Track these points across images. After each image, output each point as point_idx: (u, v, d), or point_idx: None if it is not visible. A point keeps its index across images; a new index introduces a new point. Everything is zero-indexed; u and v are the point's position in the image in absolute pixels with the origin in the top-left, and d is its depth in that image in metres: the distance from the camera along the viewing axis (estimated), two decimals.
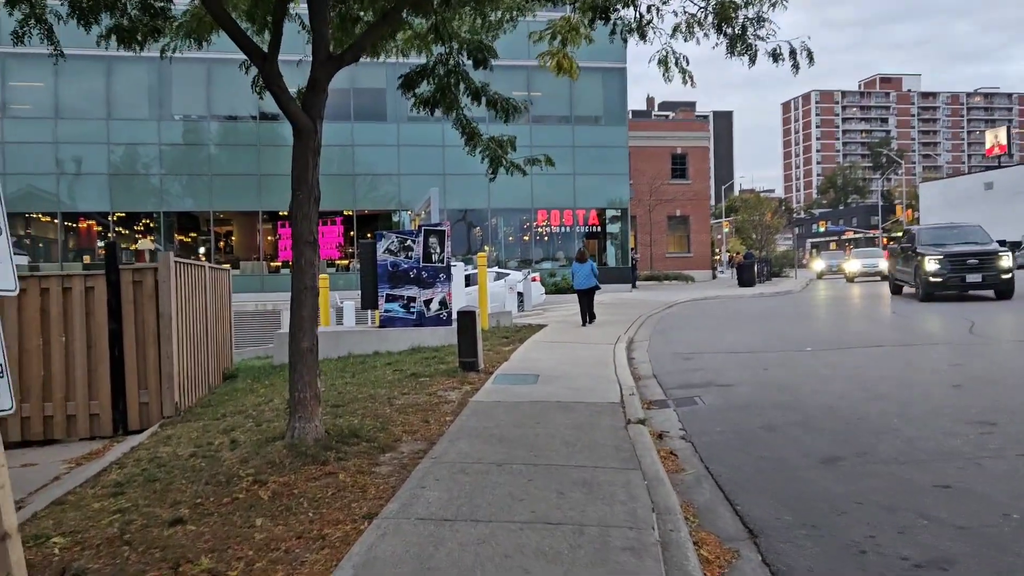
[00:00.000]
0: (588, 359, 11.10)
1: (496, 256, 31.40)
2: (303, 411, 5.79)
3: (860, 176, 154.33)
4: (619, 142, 31.48)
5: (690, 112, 49.77)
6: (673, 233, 44.68)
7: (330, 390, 9.12)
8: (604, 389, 8.50)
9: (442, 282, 14.10)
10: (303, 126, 5.99)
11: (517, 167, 8.47)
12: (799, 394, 8.25)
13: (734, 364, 10.71)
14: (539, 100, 31.55)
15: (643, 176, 41.24)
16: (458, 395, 8.35)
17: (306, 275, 5.85)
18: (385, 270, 14.08)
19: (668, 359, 11.64)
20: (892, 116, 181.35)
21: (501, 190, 30.24)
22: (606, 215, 32.33)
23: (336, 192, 28.68)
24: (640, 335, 15.32)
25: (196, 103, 28.63)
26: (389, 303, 14.08)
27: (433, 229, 14.18)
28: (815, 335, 13.93)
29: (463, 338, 9.89)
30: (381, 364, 11.54)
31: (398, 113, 28.88)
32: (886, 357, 10.67)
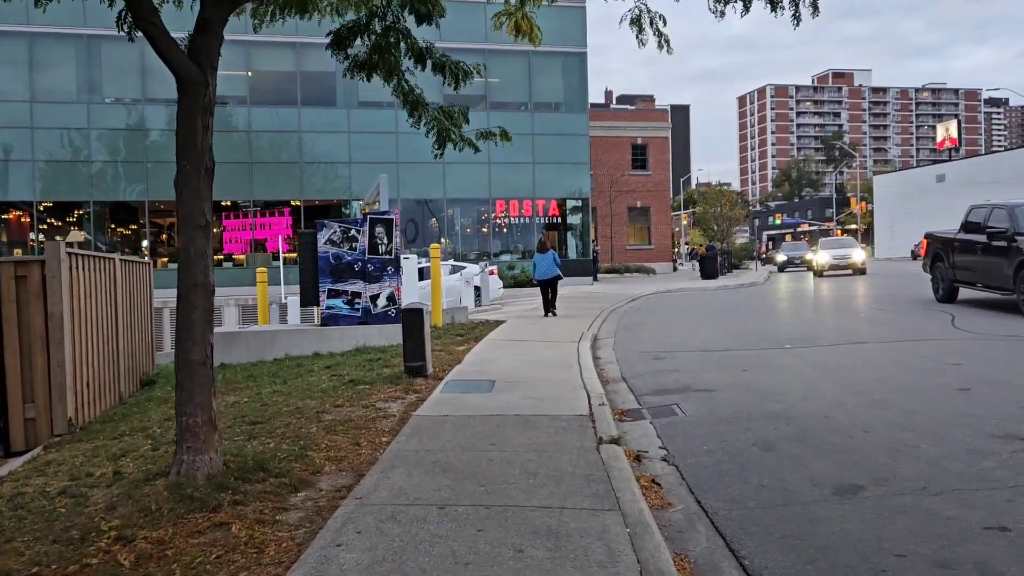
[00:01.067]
0: (550, 360, 10.02)
1: (453, 248, 30.17)
2: (193, 440, 4.58)
3: (814, 169, 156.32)
4: (580, 130, 30.46)
5: (650, 103, 49.08)
6: (634, 225, 43.96)
7: (252, 402, 7.89)
8: (570, 397, 7.42)
9: (390, 276, 12.89)
10: (189, 78, 4.75)
11: (469, 143, 7.33)
12: (789, 401, 7.28)
13: (710, 364, 9.73)
14: (497, 87, 30.38)
15: (603, 167, 40.37)
16: (400, 407, 7.19)
17: (195, 268, 4.62)
18: (327, 263, 12.82)
19: (637, 359, 10.62)
20: (844, 110, 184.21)
21: (457, 179, 29.03)
22: (566, 206, 31.33)
23: (283, 181, 27.16)
24: (604, 331, 14.32)
25: (130, 86, 26.72)
26: (331, 299, 12.83)
27: (380, 218, 12.96)
28: (790, 331, 13.06)
29: (409, 339, 8.73)
30: (319, 368, 10.31)
31: (348, 98, 27.43)
32: (872, 355, 9.80)
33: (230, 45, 10.48)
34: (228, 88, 27.79)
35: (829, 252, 30.56)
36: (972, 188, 65.70)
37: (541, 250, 16.31)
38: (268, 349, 12.34)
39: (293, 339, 12.51)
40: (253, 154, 27.12)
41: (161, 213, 30.83)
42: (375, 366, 9.92)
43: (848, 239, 35.85)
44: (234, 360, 12.13)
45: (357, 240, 12.87)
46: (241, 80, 27.71)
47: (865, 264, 30.33)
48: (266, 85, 28.13)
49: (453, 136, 7.06)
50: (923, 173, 75.41)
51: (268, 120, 27.57)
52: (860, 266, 29.56)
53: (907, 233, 69.73)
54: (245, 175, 26.64)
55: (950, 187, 68.14)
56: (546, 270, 15.99)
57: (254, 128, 27.43)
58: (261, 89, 27.98)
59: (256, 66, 27.82)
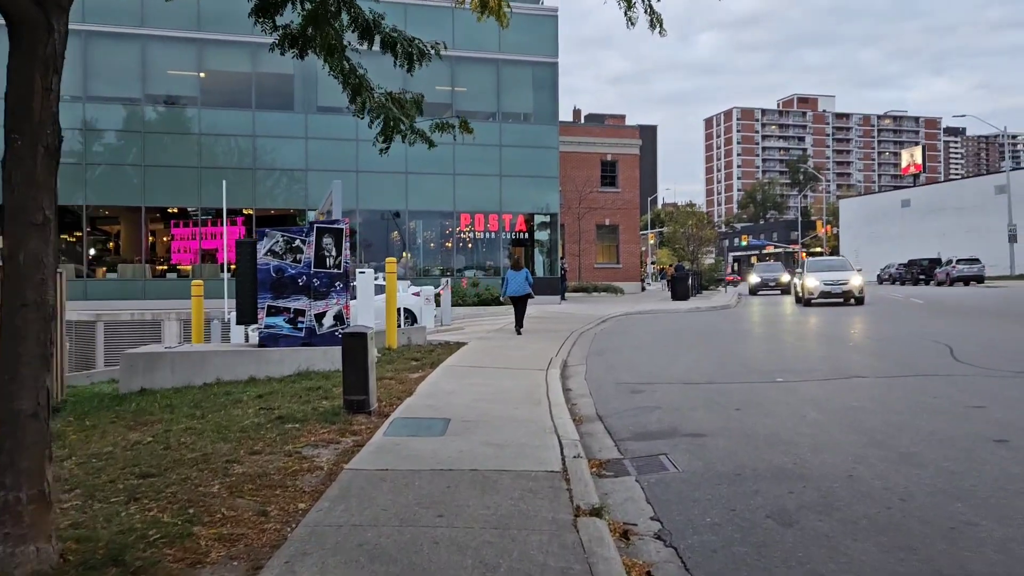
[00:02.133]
0: (515, 393, 8.78)
1: (415, 263, 28.83)
2: (13, 524, 3.26)
3: (779, 192, 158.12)
4: (549, 143, 29.39)
5: (620, 120, 48.38)
6: (602, 243, 43.03)
7: (156, 443, 6.52)
8: (538, 444, 6.18)
9: (338, 292, 11.55)
10: (21, 16, 3.42)
11: (422, 135, 6.13)
12: (798, 452, 6.13)
13: (696, 400, 8.58)
14: (463, 96, 29.23)
15: (572, 183, 39.40)
16: (332, 455, 5.88)
17: (26, 282, 3.31)
18: (268, 276, 11.44)
19: (613, 392, 9.44)
20: (809, 135, 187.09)
21: (421, 190, 27.75)
22: (534, 221, 30.19)
23: (236, 188, 25.58)
24: (575, 356, 13.13)
25: (67, 82, 24.95)
26: (272, 316, 11.44)
27: (328, 227, 11.64)
28: (777, 360, 12.00)
29: (350, 369, 7.43)
30: (249, 397, 8.95)
31: (307, 102, 26.05)
32: (878, 393, 8.73)
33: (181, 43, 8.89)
34: (179, 88, 26.27)
35: (819, 276, 25.02)
36: (936, 214, 66.44)
37: (515, 267, 16.36)
38: (197, 372, 10.91)
39: (227, 361, 11.09)
40: (203, 158, 25.55)
41: (106, 219, 29.06)
42: (313, 397, 8.59)
43: (840, 259, 29.03)
44: (157, 385, 10.70)
45: (302, 251, 11.52)
46: (192, 80, 26.17)
47: (864, 291, 25.11)
48: (219, 86, 26.62)
49: (403, 127, 5.83)
50: (888, 198, 76.15)
51: (221, 123, 26.04)
52: (859, 294, 24.40)
53: (873, 256, 70.15)
54: (194, 180, 25.06)
55: (915, 212, 68.83)
56: (517, 287, 16.00)
57: (205, 131, 25.87)
58: (214, 90, 26.46)
59: (209, 65, 26.30)
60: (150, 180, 25.52)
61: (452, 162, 27.89)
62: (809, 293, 24.98)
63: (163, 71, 25.87)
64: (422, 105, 6.10)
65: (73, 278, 24.50)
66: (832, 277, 25.07)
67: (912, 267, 54.44)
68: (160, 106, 25.66)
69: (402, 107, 5.96)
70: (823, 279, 24.96)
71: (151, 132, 25.37)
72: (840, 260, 28.91)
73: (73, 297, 23.53)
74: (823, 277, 25.12)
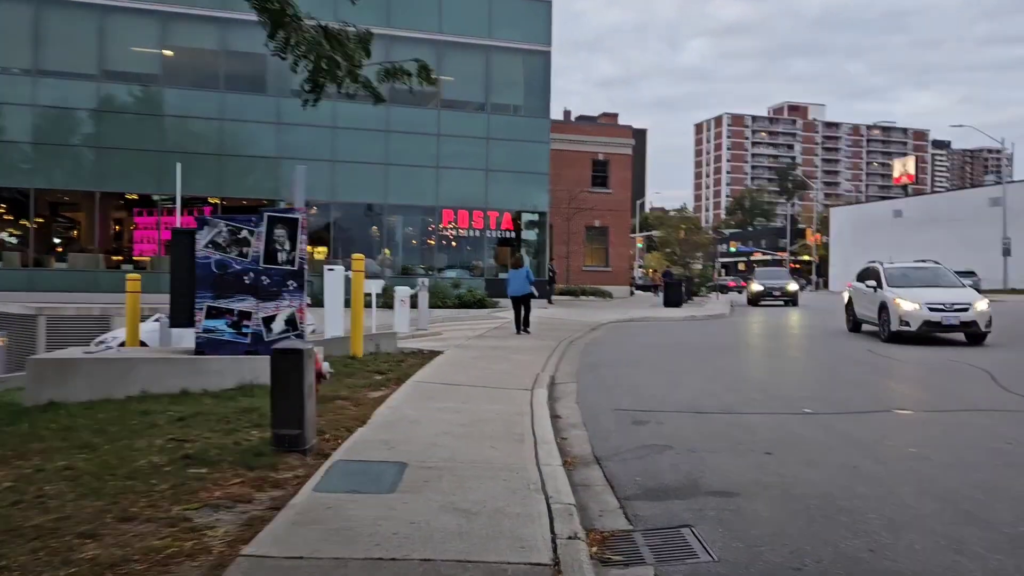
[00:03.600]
0: (492, 422, 7.18)
1: (394, 261, 27.09)
2: None
3: (767, 199, 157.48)
4: (540, 137, 27.70)
5: (613, 119, 46.92)
6: (591, 245, 41.49)
7: (11, 491, 4.86)
8: (519, 513, 4.57)
9: (291, 292, 9.90)
10: None
11: (366, 85, 4.52)
12: (869, 529, 4.57)
13: (714, 437, 7.02)
14: (450, 86, 27.53)
15: (562, 182, 37.81)
16: (233, 527, 4.25)
17: None
18: (208, 272, 9.78)
19: (611, 422, 7.86)
20: (798, 143, 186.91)
21: (402, 183, 25.98)
22: (522, 220, 28.50)
23: (201, 175, 23.80)
24: (564, 371, 11.56)
25: (16, 54, 22.99)
26: (212, 319, 9.78)
27: (281, 217, 9.98)
28: (798, 384, 10.48)
29: (280, 395, 5.82)
30: (168, 420, 7.32)
31: (280, 85, 24.19)
32: (934, 434, 7.21)
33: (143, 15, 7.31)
34: (139, 65, 24.36)
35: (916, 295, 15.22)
36: (929, 225, 65.43)
37: (515, 266, 16.25)
38: (119, 383, 9.22)
39: (156, 371, 9.41)
40: (165, 142, 23.66)
41: (67, 206, 27.14)
42: (243, 423, 6.97)
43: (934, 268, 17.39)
44: (70, 397, 9.00)
45: (250, 244, 9.86)
46: (154, 58, 24.27)
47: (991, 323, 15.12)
48: (184, 64, 24.71)
49: (339, 73, 4.23)
50: (880, 207, 75.19)
51: (185, 104, 24.11)
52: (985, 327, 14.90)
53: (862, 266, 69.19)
54: (154, 165, 23.21)
55: (907, 223, 67.82)
56: (519, 286, 15.89)
57: (168, 112, 23.98)
58: (178, 69, 24.52)
59: (173, 41, 24.40)
60: (106, 164, 23.59)
61: (436, 154, 26.23)
62: (903, 323, 14.95)
63: (123, 45, 23.95)
64: (370, 45, 4.52)
65: (18, 267, 22.63)
66: (941, 297, 15.06)
67: None
68: (119, 83, 23.72)
69: (342, 46, 4.38)
70: (926, 299, 14.97)
71: (108, 111, 23.43)
72: (934, 269, 17.13)
73: (16, 288, 21.70)
74: (925, 297, 15.07)
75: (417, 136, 26.07)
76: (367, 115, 25.51)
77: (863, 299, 17.13)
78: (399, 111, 25.81)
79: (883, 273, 16.57)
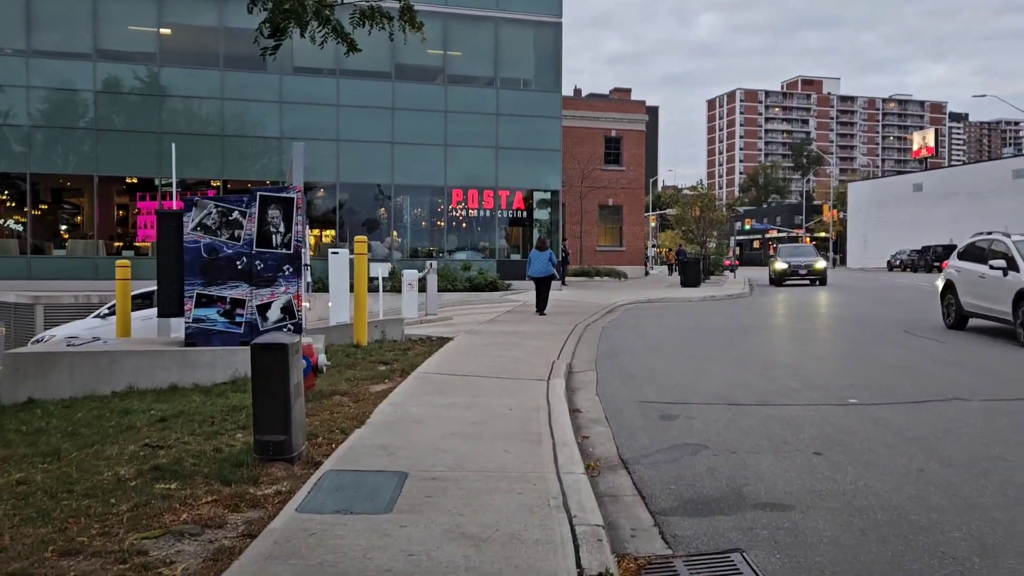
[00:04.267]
0: (505, 419, 6.47)
1: (402, 243, 26.35)
2: None
3: (782, 176, 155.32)
4: (551, 112, 26.75)
5: (626, 94, 45.76)
6: (605, 224, 40.59)
7: None
8: (537, 538, 3.85)
9: (286, 277, 9.20)
10: None
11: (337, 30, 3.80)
12: (957, 555, 3.83)
13: (753, 434, 6.28)
14: (458, 60, 26.60)
15: (574, 160, 36.92)
16: (195, 561, 3.55)
17: None
18: (197, 257, 9.10)
19: (637, 416, 7.13)
20: (812, 118, 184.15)
21: (409, 162, 25.15)
22: (534, 199, 27.65)
23: (204, 157, 23.11)
24: (581, 358, 10.83)
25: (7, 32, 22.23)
26: (202, 308, 9.11)
27: (275, 196, 9.26)
28: (840, 371, 9.69)
29: (263, 397, 5.11)
30: (146, 421, 6.68)
31: (282, 62, 23.36)
32: (1004, 427, 6.43)
33: None
34: (135, 44, 23.55)
35: None
36: (950, 199, 63.95)
37: (540, 248, 16.68)
38: (104, 378, 8.60)
39: (144, 364, 8.77)
40: (164, 123, 22.92)
41: (71, 191, 26.51)
42: (228, 425, 6.29)
43: None
44: (51, 393, 8.40)
45: (242, 227, 9.16)
46: (151, 36, 23.46)
47: None
48: (182, 42, 23.90)
49: (305, 15, 3.47)
50: (899, 182, 73.60)
51: (184, 84, 23.33)
52: None
53: (881, 242, 67.74)
54: (154, 147, 22.53)
55: (927, 197, 66.36)
56: (540, 268, 16.29)
57: (166, 92, 23.22)
58: (175, 47, 23.70)
59: (170, 18, 23.58)
60: (103, 147, 22.90)
61: (444, 132, 25.36)
62: None
63: (118, 23, 23.18)
64: None
65: (16, 255, 22.06)
66: None
67: (926, 253, 52.22)
68: (115, 63, 22.94)
69: None
70: None
71: (105, 92, 22.71)
72: None
73: (15, 276, 21.15)
74: None
75: (424, 113, 25.21)
76: (372, 92, 24.73)
77: (977, 285, 12.81)
78: (405, 87, 25.00)
79: (1018, 250, 11.94)
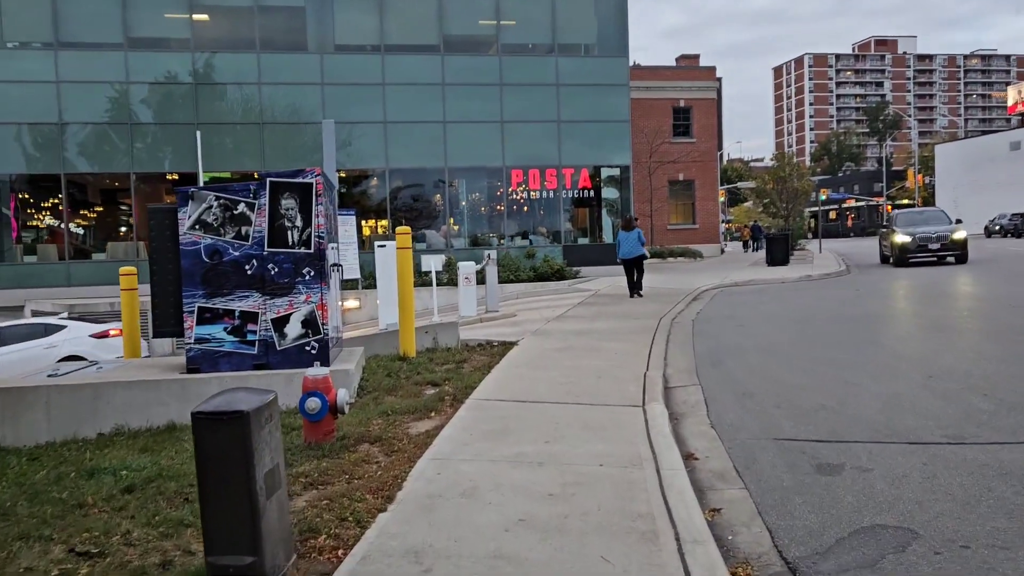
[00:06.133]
0: (595, 487, 4.45)
1: (458, 231, 24.49)
2: None
3: (856, 142, 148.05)
4: (617, 78, 24.33)
5: (694, 60, 42.79)
6: (676, 200, 37.97)
7: None
8: None
9: (307, 283, 7.38)
10: None
11: None
12: None
13: (980, 504, 4.12)
14: (511, 30, 24.46)
15: (641, 134, 34.37)
16: None
17: None
18: (197, 261, 7.36)
19: (781, 467, 5.01)
20: (887, 80, 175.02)
21: (462, 142, 23.17)
22: (601, 176, 25.40)
23: (240, 147, 21.69)
24: (677, 366, 8.73)
25: (38, 26, 21.16)
26: (205, 324, 7.36)
27: (289, 182, 7.42)
28: None
29: (214, 500, 3.22)
30: (104, 493, 5.01)
31: (322, 40, 21.77)
32: None
33: None
34: (166, 29, 22.17)
35: None
36: None
37: (626, 227, 16.17)
38: (88, 416, 6.98)
39: (135, 398, 7.10)
40: (200, 113, 21.56)
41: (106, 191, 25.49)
42: None
43: None
44: (24, 438, 6.84)
45: (250, 222, 7.37)
46: (182, 22, 22.03)
47: None
48: (215, 25, 22.42)
49: None
50: (993, 141, 68.05)
51: (219, 69, 21.87)
52: None
53: (975, 207, 62.53)
54: (192, 139, 21.21)
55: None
56: (630, 248, 15.80)
57: (200, 80, 21.80)
58: (209, 30, 22.24)
59: (202, 1, 22.11)
60: (139, 141, 21.67)
61: (500, 107, 23.27)
62: None
63: (147, 7, 21.82)
64: None
65: (55, 260, 21.07)
66: None
67: None
68: (145, 51, 21.61)
69: None
70: None
71: (137, 83, 21.43)
72: None
73: (54, 283, 20.16)
74: None
75: (477, 88, 23.18)
76: (420, 68, 22.88)
77: None
78: (455, 61, 23.02)
79: None
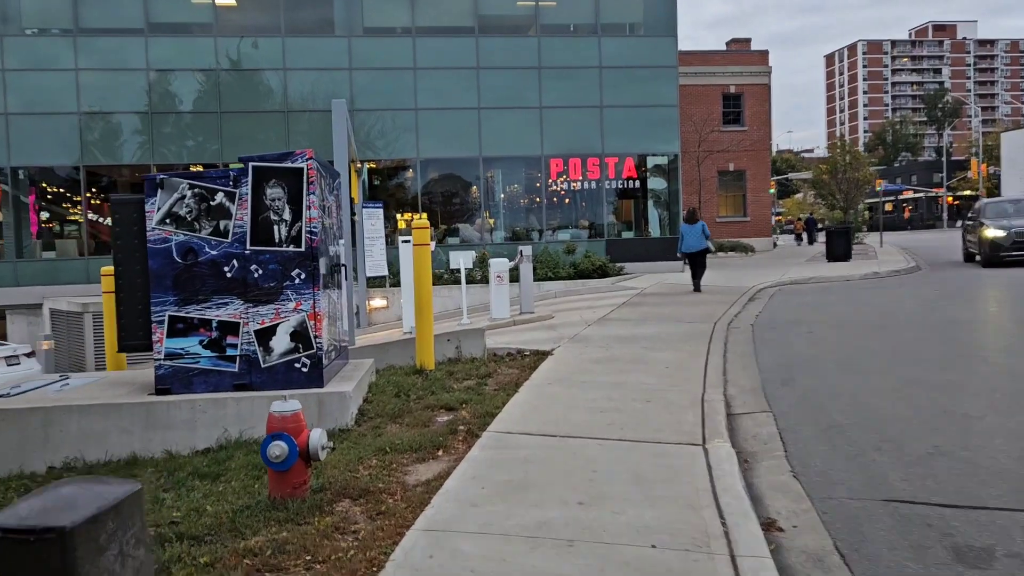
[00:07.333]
0: (635, 573, 3.11)
1: (494, 224, 23.20)
2: None
3: (912, 131, 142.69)
4: (665, 60, 22.72)
5: (745, 45, 40.78)
6: (726, 192, 36.17)
7: None
8: None
9: (296, 287, 6.18)
10: None
11: None
12: None
13: None
14: (550, 10, 23.06)
15: (688, 122, 32.63)
16: None
17: None
18: (168, 262, 6.21)
19: (903, 550, 3.61)
20: (946, 66, 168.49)
21: (497, 130, 21.83)
22: (647, 166, 23.86)
23: (265, 136, 20.73)
24: (739, 384, 7.33)
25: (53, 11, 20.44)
26: (177, 337, 6.21)
27: (274, 167, 6.21)
28: None
29: None
30: None
31: (350, 23, 20.64)
32: None
33: None
34: (187, 14, 21.29)
35: None
36: None
37: (690, 220, 15.67)
38: (38, 446, 5.89)
39: (93, 425, 5.99)
40: (223, 101, 20.65)
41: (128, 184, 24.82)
42: None
43: None
44: None
45: (230, 215, 6.20)
46: (206, 7, 21.12)
47: None
48: (239, 10, 21.47)
49: None
50: None
51: (242, 55, 20.88)
52: None
53: None
54: (214, 128, 20.30)
55: None
56: (694, 242, 15.34)
57: (224, 66, 20.85)
58: (232, 14, 21.33)
59: None
60: (160, 131, 20.83)
61: (538, 92, 21.86)
62: None
63: None
64: None
65: (75, 256, 20.41)
66: None
67: None
68: (170, 36, 20.76)
69: None
70: None
71: (157, 70, 20.59)
72: None
73: (75, 280, 19.48)
74: None
75: (514, 72, 21.81)
76: (453, 51, 21.63)
77: None
78: (490, 43, 21.66)
79: None
